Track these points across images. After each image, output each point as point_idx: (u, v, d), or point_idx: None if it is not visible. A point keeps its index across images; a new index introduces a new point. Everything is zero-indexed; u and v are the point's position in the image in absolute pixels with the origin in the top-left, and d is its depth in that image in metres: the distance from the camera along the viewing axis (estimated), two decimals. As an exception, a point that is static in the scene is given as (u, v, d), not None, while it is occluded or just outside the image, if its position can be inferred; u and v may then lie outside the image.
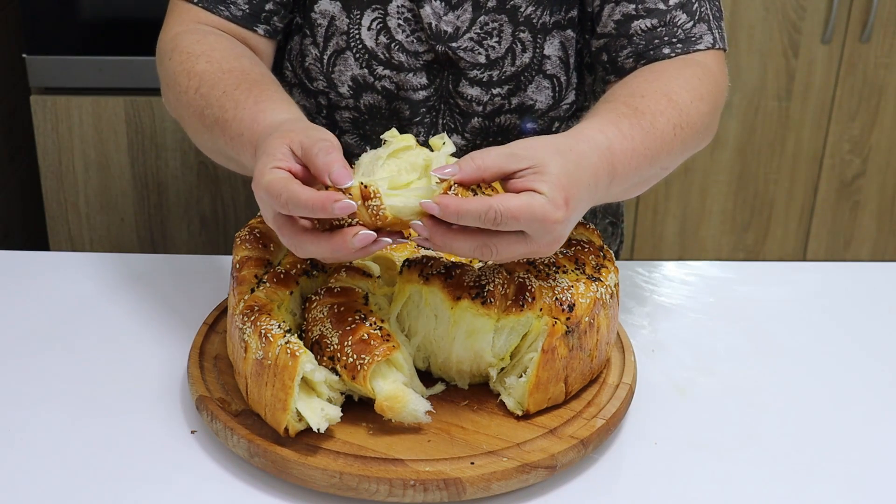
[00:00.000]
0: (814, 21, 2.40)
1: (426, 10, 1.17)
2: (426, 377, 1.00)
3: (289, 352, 0.89)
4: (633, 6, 1.15)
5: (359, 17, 1.19)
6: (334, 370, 0.93)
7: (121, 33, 2.13)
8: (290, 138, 0.90)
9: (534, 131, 1.25)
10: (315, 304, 0.98)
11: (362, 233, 0.85)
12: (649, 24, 1.14)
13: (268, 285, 0.99)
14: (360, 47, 1.20)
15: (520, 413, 0.96)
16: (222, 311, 1.11)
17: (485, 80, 1.21)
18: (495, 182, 0.90)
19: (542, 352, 0.94)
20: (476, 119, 1.24)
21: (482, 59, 1.20)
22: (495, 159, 0.87)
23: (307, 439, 0.91)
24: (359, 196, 0.85)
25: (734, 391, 1.07)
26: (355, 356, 0.91)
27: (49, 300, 1.20)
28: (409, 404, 0.92)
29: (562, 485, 0.93)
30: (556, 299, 0.96)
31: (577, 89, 1.24)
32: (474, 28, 1.19)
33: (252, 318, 0.94)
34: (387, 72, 1.21)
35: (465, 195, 0.85)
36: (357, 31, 1.20)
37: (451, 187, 0.85)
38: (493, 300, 0.95)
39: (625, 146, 0.97)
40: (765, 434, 1.01)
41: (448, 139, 0.93)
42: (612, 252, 1.07)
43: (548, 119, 1.25)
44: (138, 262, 1.29)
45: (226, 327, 1.05)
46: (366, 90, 1.22)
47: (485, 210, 0.83)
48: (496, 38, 1.19)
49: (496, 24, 1.19)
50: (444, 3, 1.18)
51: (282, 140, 0.90)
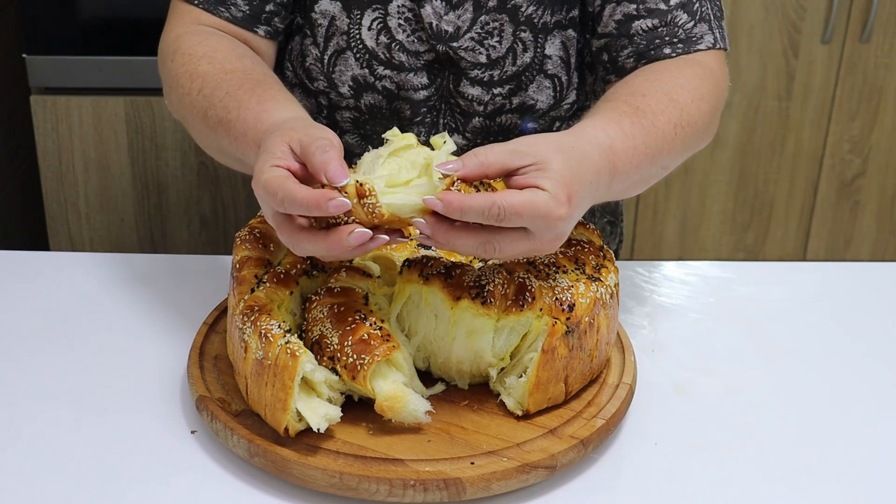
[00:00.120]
0: (814, 21, 2.40)
1: (427, 10, 1.17)
2: (426, 377, 1.00)
3: (289, 352, 0.89)
4: (634, 6, 1.15)
5: (359, 16, 1.19)
6: (334, 370, 0.93)
7: (121, 33, 2.13)
8: (289, 137, 0.90)
9: (534, 131, 1.24)
10: (315, 304, 0.98)
11: (358, 231, 0.85)
12: (650, 24, 1.14)
13: (268, 285, 0.99)
14: (360, 47, 1.20)
15: (520, 413, 0.96)
16: (222, 311, 1.11)
17: (486, 79, 1.21)
18: (495, 182, 0.90)
19: (542, 352, 0.94)
20: (477, 119, 1.24)
21: (483, 59, 1.20)
22: (499, 155, 0.87)
23: (307, 439, 0.91)
24: (354, 194, 0.85)
25: (734, 391, 1.07)
26: (355, 356, 0.91)
27: (49, 300, 1.20)
28: (409, 404, 0.91)
29: (562, 485, 0.93)
30: (556, 299, 0.96)
31: (578, 89, 1.24)
32: (475, 28, 1.18)
33: (252, 318, 0.94)
34: (387, 72, 1.21)
35: (468, 191, 0.85)
36: (357, 31, 1.20)
37: (455, 183, 0.85)
38: (493, 300, 0.95)
39: (626, 145, 0.97)
40: (765, 434, 1.01)
41: (449, 138, 0.93)
42: (612, 252, 1.07)
43: (549, 119, 1.25)
44: (138, 262, 1.29)
45: (226, 327, 1.05)
46: (366, 90, 1.22)
47: (488, 206, 0.83)
48: (497, 38, 1.19)
49: (497, 24, 1.19)
50: (444, 3, 1.18)
51: (281, 138, 0.90)
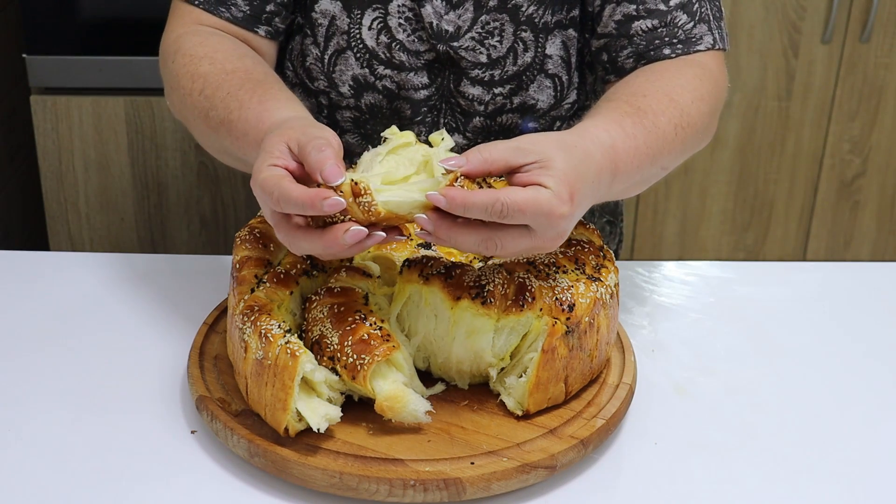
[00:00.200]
0: (814, 21, 2.40)
1: (427, 10, 1.17)
2: (426, 377, 1.00)
3: (289, 352, 0.89)
4: (634, 7, 1.15)
5: (359, 16, 1.19)
6: (334, 370, 0.93)
7: (121, 33, 2.13)
8: (288, 136, 0.90)
9: (535, 130, 1.24)
10: (315, 304, 0.98)
11: (353, 229, 0.85)
12: (650, 25, 1.14)
13: (268, 285, 0.99)
14: (360, 47, 1.20)
15: (520, 413, 0.96)
16: (222, 311, 1.11)
17: (486, 79, 1.21)
18: (495, 182, 0.90)
19: (542, 352, 0.94)
20: (477, 118, 1.24)
21: (483, 59, 1.20)
22: (502, 152, 0.87)
23: (307, 439, 0.91)
24: (350, 193, 0.85)
25: (734, 391, 1.07)
26: (355, 356, 0.91)
27: (49, 300, 1.20)
28: (409, 404, 0.91)
29: (562, 485, 0.93)
30: (556, 299, 0.96)
31: (578, 89, 1.24)
32: (475, 27, 1.18)
33: (252, 318, 0.94)
34: (388, 71, 1.21)
35: (471, 188, 0.85)
36: (358, 31, 1.20)
37: (458, 179, 0.85)
38: (493, 300, 0.95)
39: (627, 145, 0.98)
40: (765, 434, 1.01)
41: (447, 135, 0.93)
42: (612, 252, 1.07)
43: (549, 118, 1.25)
44: (138, 262, 1.29)
45: (226, 327, 1.05)
46: (367, 90, 1.22)
47: (491, 202, 0.83)
48: (497, 38, 1.19)
49: (497, 24, 1.19)
50: (445, 3, 1.18)
51: (280, 138, 0.90)
